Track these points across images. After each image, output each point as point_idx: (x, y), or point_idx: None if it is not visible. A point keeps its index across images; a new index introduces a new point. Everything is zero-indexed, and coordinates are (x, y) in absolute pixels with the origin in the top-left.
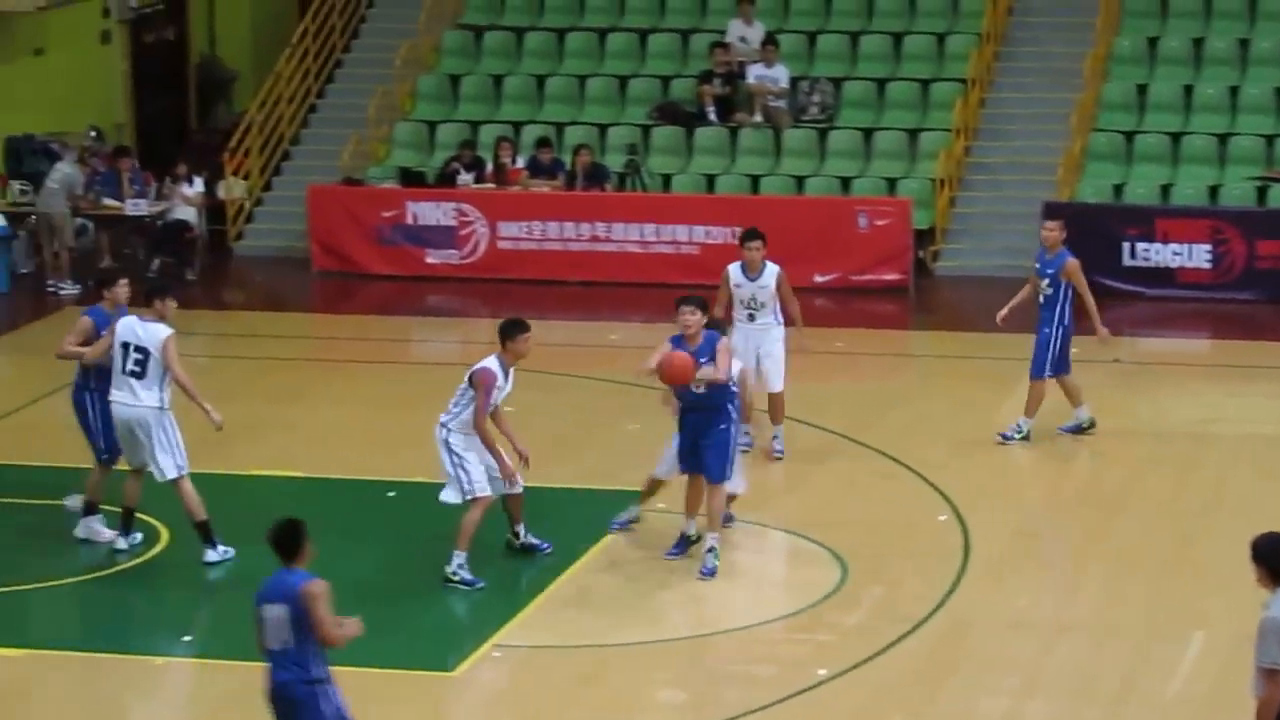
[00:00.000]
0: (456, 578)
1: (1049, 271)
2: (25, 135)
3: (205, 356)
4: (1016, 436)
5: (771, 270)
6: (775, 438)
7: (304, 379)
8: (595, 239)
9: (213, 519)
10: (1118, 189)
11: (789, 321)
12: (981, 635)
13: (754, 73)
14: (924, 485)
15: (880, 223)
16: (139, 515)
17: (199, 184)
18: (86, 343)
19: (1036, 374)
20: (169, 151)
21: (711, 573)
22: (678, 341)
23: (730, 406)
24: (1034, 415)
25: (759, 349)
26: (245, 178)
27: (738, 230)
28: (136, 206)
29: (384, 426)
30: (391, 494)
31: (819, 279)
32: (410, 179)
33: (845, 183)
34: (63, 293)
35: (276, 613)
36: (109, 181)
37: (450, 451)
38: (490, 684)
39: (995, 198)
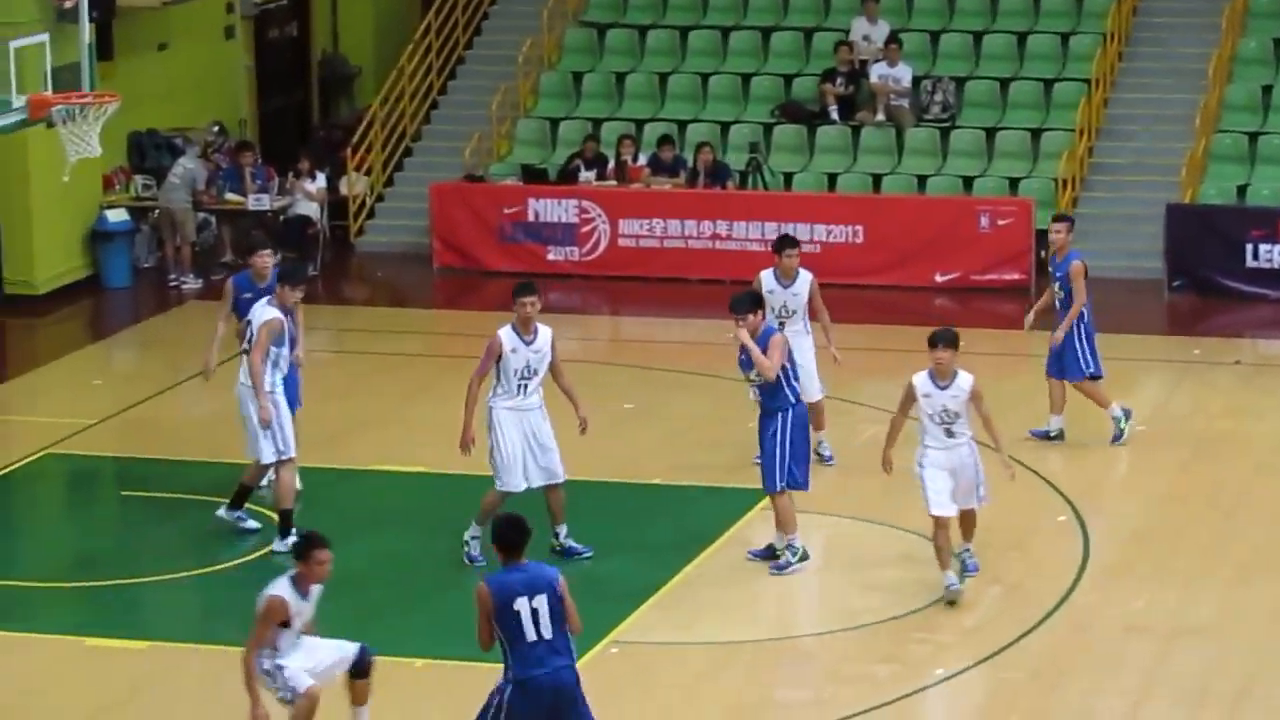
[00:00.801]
0: (466, 547)
1: (1059, 275)
2: (148, 130)
3: (327, 352)
4: (1123, 426)
5: (805, 278)
6: (821, 443)
7: (425, 375)
8: (716, 237)
9: (333, 514)
10: (1241, 190)
11: (813, 318)
12: (1100, 636)
13: (877, 71)
14: (1043, 486)
15: (1002, 222)
16: (261, 510)
17: (321, 179)
18: (233, 308)
19: (1076, 376)
20: (291, 147)
21: (781, 569)
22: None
23: (781, 414)
24: (1109, 403)
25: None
26: (367, 174)
27: (860, 229)
28: (259, 201)
29: None
30: None
31: (940, 278)
32: (532, 176)
33: (967, 182)
34: (184, 287)
35: (538, 604)
36: (231, 176)
37: (490, 429)
38: (608, 680)
39: (1118, 198)
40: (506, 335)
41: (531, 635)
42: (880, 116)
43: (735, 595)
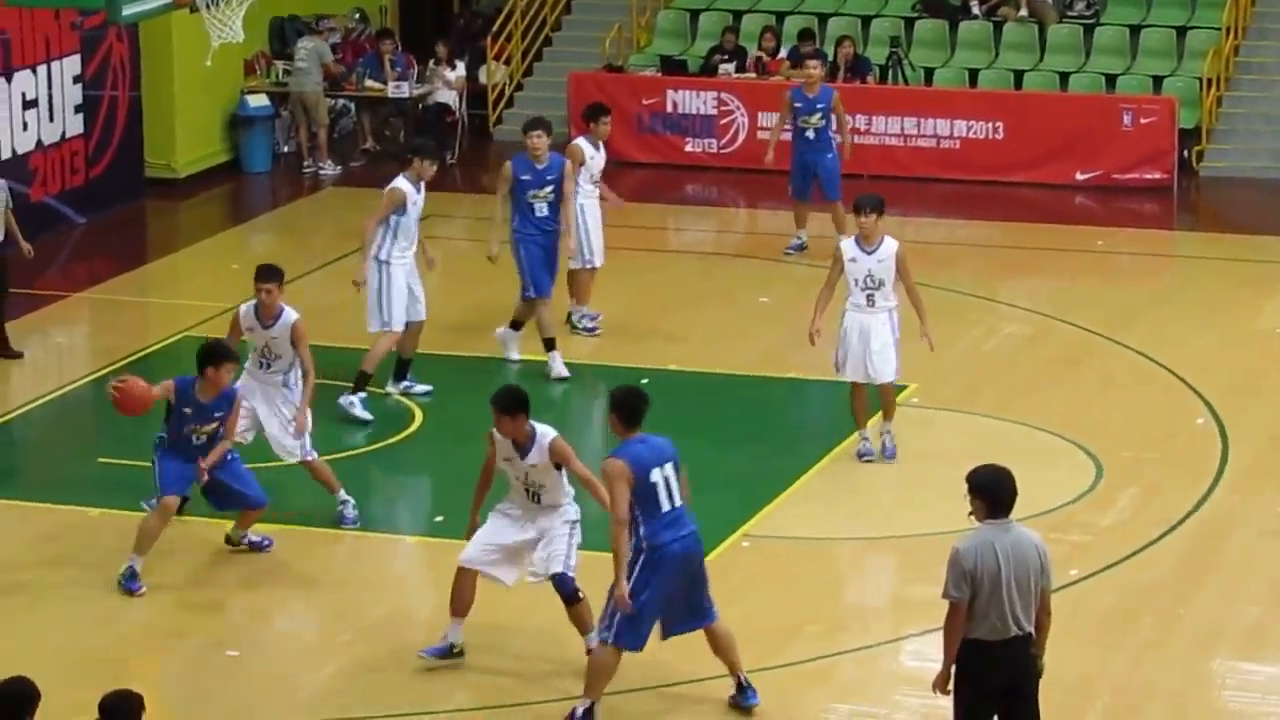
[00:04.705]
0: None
1: (820, 106)
2: (290, 15)
3: (464, 240)
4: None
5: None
6: (584, 316)
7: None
8: (855, 131)
9: (460, 404)
10: None
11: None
12: (1236, 541)
13: None
14: (1182, 387)
15: (1145, 121)
16: (400, 398)
17: (460, 68)
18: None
19: (835, 196)
20: (431, 35)
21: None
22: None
23: None
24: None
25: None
26: (507, 63)
27: (1001, 126)
28: (398, 89)
29: (637, 314)
30: (644, 381)
31: (1081, 176)
32: (671, 67)
33: (1110, 80)
34: (322, 173)
35: (668, 474)
36: (371, 64)
37: None
38: (739, 574)
39: (1264, 98)
40: (245, 313)
41: (666, 505)
42: (1023, 12)
43: (867, 491)
